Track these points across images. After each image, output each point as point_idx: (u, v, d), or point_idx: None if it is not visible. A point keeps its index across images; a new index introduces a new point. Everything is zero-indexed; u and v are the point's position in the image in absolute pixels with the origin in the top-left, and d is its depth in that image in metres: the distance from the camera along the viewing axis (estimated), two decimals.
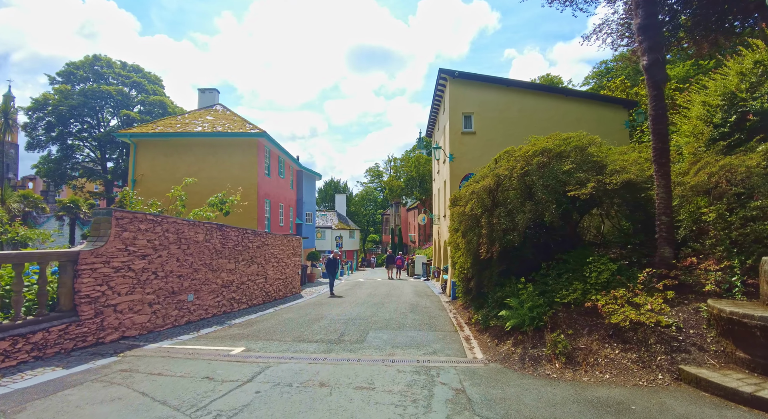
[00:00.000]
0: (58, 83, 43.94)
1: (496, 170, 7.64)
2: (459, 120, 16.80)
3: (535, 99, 17.12)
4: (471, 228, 8.22)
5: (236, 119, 19.57)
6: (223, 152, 18.33)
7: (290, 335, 8.18)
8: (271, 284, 14.13)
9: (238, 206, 17.70)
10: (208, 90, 22.29)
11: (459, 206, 8.45)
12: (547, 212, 6.91)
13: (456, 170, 16.50)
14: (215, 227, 10.83)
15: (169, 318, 9.03)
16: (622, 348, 5.29)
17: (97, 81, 45.60)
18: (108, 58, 47.56)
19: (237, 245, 11.86)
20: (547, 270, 7.41)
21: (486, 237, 7.32)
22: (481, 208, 7.62)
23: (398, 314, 10.68)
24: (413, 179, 44.09)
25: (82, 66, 45.44)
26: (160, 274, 8.77)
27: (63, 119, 43.08)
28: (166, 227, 8.98)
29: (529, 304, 6.66)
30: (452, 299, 13.84)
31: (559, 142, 7.56)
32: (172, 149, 18.53)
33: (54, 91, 43.64)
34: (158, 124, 19.69)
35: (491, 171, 7.93)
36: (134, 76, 47.74)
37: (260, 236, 13.31)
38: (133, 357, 6.52)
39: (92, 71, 46.09)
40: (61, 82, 44.19)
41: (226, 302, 11.29)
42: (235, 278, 11.79)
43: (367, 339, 7.65)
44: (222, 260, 11.11)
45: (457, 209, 8.65)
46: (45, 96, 43.89)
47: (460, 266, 9.16)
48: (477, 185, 7.81)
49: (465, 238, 8.49)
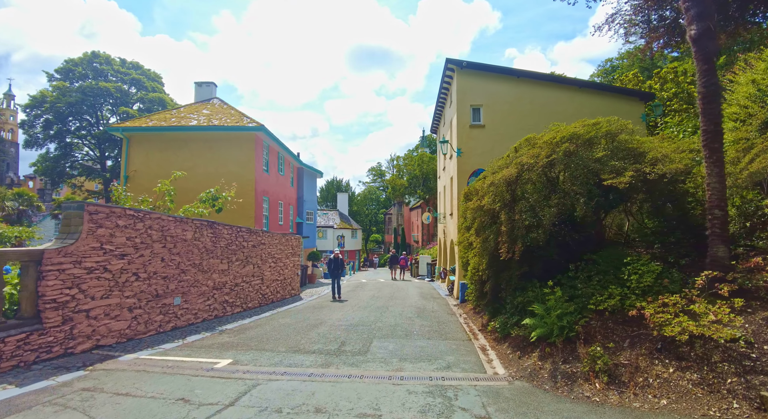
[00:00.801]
0: (56, 81, 43.34)
1: (518, 159, 6.76)
2: (467, 113, 15.92)
3: (547, 91, 16.22)
4: (487, 225, 7.35)
5: (233, 113, 18.75)
6: (220, 147, 17.51)
7: (285, 344, 7.32)
8: (267, 286, 13.29)
9: (234, 203, 16.84)
10: (204, 84, 21.48)
11: (473, 201, 7.58)
12: (578, 205, 6.04)
13: (464, 165, 15.62)
14: (206, 225, 9.99)
15: (153, 323, 8.19)
16: (677, 366, 4.40)
17: (97, 78, 44.93)
18: (107, 55, 46.91)
19: (230, 244, 11.02)
20: (576, 272, 6.52)
21: (506, 235, 6.45)
22: (500, 202, 6.74)
23: (404, 319, 9.82)
24: (416, 177, 43.14)
25: (80, 63, 44.82)
26: (142, 275, 7.94)
27: (61, 116, 42.47)
28: (149, 223, 8.14)
29: (558, 311, 5.78)
30: (461, 302, 12.96)
31: (588, 127, 6.68)
32: (166, 144, 17.71)
33: (52, 88, 43.00)
34: (152, 118, 18.88)
35: (511, 161, 7.04)
36: (133, 73, 47.06)
37: (256, 235, 12.47)
38: (103, 370, 5.68)
39: (91, 68, 45.46)
40: (60, 80, 43.55)
41: (218, 305, 10.45)
42: (228, 279, 10.95)
43: (371, 349, 6.79)
44: (213, 261, 10.27)
45: (472, 205, 7.78)
46: (43, 93, 43.25)
47: (473, 268, 8.28)
48: (496, 175, 6.93)
49: (479, 236, 7.61)
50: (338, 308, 11.95)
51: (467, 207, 8.26)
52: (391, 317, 10.09)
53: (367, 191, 68.16)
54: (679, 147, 6.35)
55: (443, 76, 17.39)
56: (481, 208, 7.09)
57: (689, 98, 22.11)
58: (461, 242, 10.65)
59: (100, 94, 43.24)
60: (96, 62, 46.44)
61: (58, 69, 45.62)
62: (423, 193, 42.36)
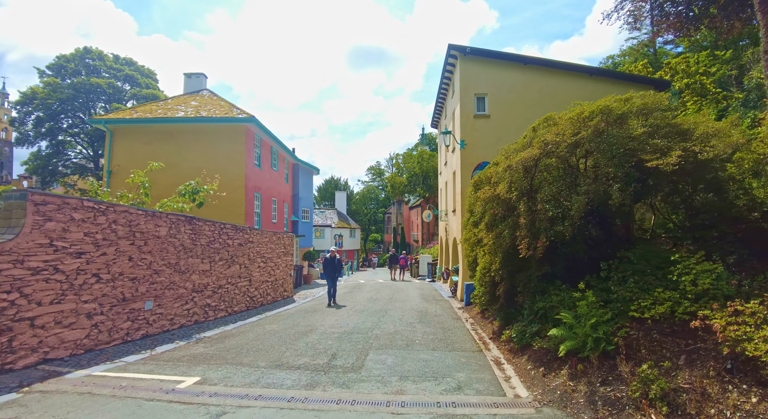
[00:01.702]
0: (48, 77, 42.31)
1: (539, 138, 5.74)
2: (471, 102, 14.91)
3: (556, 79, 15.21)
4: (501, 218, 6.34)
5: (223, 105, 17.73)
6: (208, 139, 16.49)
7: (266, 357, 6.30)
8: (256, 288, 12.27)
9: (220, 198, 15.78)
10: (194, 75, 20.45)
11: (484, 190, 6.57)
12: (612, 192, 5.02)
13: (468, 158, 14.61)
14: (183, 220, 8.97)
15: (118, 331, 7.17)
16: (762, 394, 3.39)
17: (90, 75, 43.92)
18: (99, 51, 45.88)
19: (213, 242, 10.00)
20: (608, 273, 5.51)
21: (526, 229, 5.44)
22: (518, 190, 5.74)
23: (405, 325, 8.80)
24: (416, 175, 42.11)
25: (72, 59, 43.76)
26: (105, 277, 6.92)
27: (53, 113, 41.47)
28: (113, 217, 7.12)
29: (591, 320, 4.76)
30: (466, 304, 11.95)
31: (619, 102, 5.67)
32: (151, 137, 16.68)
33: (43, 85, 41.97)
34: (137, 109, 17.85)
35: (530, 142, 6.03)
36: (126, 69, 46.02)
37: (243, 232, 11.45)
38: (39, 393, 4.66)
39: (83, 64, 44.42)
40: (52, 76, 42.53)
41: (198, 309, 9.43)
42: (211, 281, 9.93)
43: (366, 364, 5.77)
44: (193, 260, 9.26)
45: (482, 194, 6.77)
46: (33, 90, 42.23)
47: (483, 268, 7.26)
48: (512, 158, 5.91)
49: (491, 231, 6.60)
50: (332, 312, 10.93)
51: (476, 198, 7.25)
52: (390, 322, 9.08)
53: (366, 189, 67.15)
54: (732, 121, 5.33)
55: (445, 64, 16.38)
56: (494, 198, 6.07)
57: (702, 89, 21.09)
58: (467, 240, 9.64)
59: (92, 91, 42.21)
60: (88, 58, 45.38)
61: (49, 65, 44.54)
62: (423, 191, 41.34)
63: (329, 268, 12.62)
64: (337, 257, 12.85)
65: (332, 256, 12.91)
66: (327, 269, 12.63)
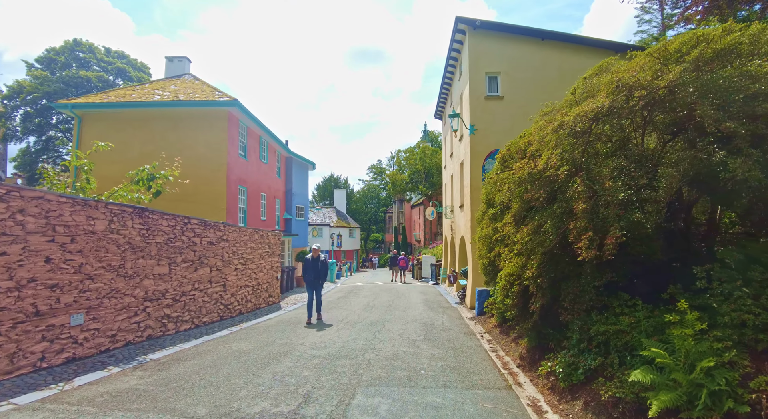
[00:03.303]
0: (36, 69, 40.79)
1: (605, 84, 3.94)
2: (482, 82, 13.14)
3: (578, 56, 13.41)
4: (542, 205, 4.56)
5: (206, 89, 15.99)
6: (186, 126, 14.74)
7: (214, 397, 4.53)
8: (232, 294, 10.50)
9: (201, 193, 14.12)
10: (176, 58, 18.71)
11: (518, 167, 4.77)
12: (732, 160, 3.24)
13: (478, 145, 12.84)
14: (131, 213, 7.22)
15: (27, 356, 5.41)
16: None
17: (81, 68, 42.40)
18: (90, 43, 44.30)
19: (173, 240, 8.25)
20: (707, 282, 3.73)
21: (585, 219, 3.67)
22: (570, 163, 3.95)
23: (406, 344, 7.03)
24: (418, 172, 40.28)
25: (62, 51, 42.21)
26: (5, 284, 5.17)
27: (42, 108, 39.97)
28: (18, 205, 5.37)
29: (706, 361, 2.98)
30: (478, 314, 10.17)
31: (717, 32, 3.87)
32: (124, 124, 14.95)
33: (30, 78, 40.44)
34: (110, 93, 16.12)
35: (581, 98, 4.24)
36: (118, 62, 44.45)
37: (214, 229, 9.69)
38: None
39: (74, 57, 42.89)
40: (40, 69, 41.00)
41: (152, 322, 7.68)
42: (171, 286, 8.18)
43: (350, 414, 3.99)
44: (145, 261, 7.51)
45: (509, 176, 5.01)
46: (20, 83, 40.69)
47: (510, 274, 5.48)
48: (568, 113, 4.12)
49: (525, 224, 4.83)
50: (319, 324, 9.16)
51: (501, 181, 5.46)
52: (388, 340, 7.30)
53: (366, 188, 65.35)
54: None
55: (451, 42, 14.59)
56: (533, 177, 4.29)
57: None
58: (483, 238, 7.86)
59: (81, 85, 40.60)
60: (78, 50, 43.83)
61: (38, 58, 43.01)
62: (425, 189, 39.56)
63: (310, 272, 9.58)
64: (322, 257, 9.75)
65: (314, 256, 9.72)
66: (307, 274, 9.58)
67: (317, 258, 9.72)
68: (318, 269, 9.64)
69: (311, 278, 9.59)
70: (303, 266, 9.75)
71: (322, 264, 9.71)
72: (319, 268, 9.67)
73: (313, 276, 9.59)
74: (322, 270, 9.67)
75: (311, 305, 9.44)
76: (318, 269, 9.64)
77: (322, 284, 9.83)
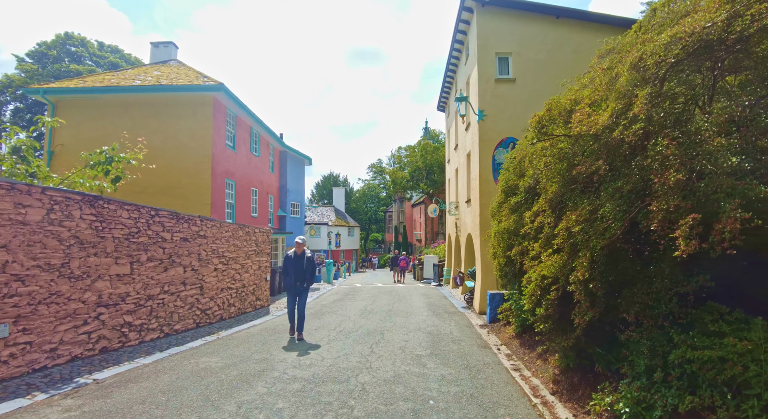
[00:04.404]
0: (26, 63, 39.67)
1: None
2: (491, 63, 11.94)
3: (597, 35, 12.07)
4: (593, 184, 3.34)
5: (191, 74, 14.79)
6: (169, 114, 13.54)
7: None
8: (212, 298, 9.28)
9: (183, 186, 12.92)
10: (162, 44, 17.51)
11: (578, 120, 3.54)
12: None
13: (487, 133, 11.64)
14: (79, 201, 6.01)
15: None
16: None
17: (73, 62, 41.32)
18: (82, 37, 43.19)
19: (136, 235, 7.04)
20: None
21: (679, 195, 2.44)
22: (662, 114, 2.72)
23: (409, 361, 5.82)
24: (419, 169, 39.02)
25: (54, 45, 41.13)
26: None
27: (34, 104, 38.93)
28: None
29: None
30: (490, 321, 8.96)
31: None
32: (102, 111, 13.74)
33: (20, 72, 39.32)
34: (86, 79, 14.92)
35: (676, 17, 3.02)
36: (111, 57, 43.31)
37: (189, 223, 8.48)
38: None
39: (65, 51, 41.79)
40: (30, 63, 39.88)
41: (108, 331, 6.46)
42: (133, 289, 6.97)
43: None
44: (99, 259, 6.30)
45: (545, 148, 3.77)
46: (9, 77, 39.58)
47: (542, 276, 4.26)
48: (653, 40, 2.91)
49: (574, 210, 3.60)
50: (305, 335, 7.95)
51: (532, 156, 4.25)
52: (387, 355, 6.08)
53: (366, 187, 64.14)
54: None
55: (457, 22, 13.38)
56: (585, 145, 3.06)
57: None
58: (500, 233, 6.66)
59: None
60: (70, 44, 42.74)
61: (29, 52, 41.93)
62: (426, 187, 38.34)
63: (291, 272, 7.37)
64: (308, 253, 7.56)
65: (298, 253, 7.43)
66: (287, 275, 7.39)
67: (301, 255, 7.43)
68: (302, 269, 7.39)
69: (292, 281, 7.39)
70: (283, 265, 7.62)
71: (308, 263, 7.45)
72: (304, 268, 7.40)
73: (298, 277, 7.39)
74: (307, 271, 7.44)
75: (293, 315, 7.51)
76: (302, 269, 7.39)
77: (308, 289, 7.60)
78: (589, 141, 3.10)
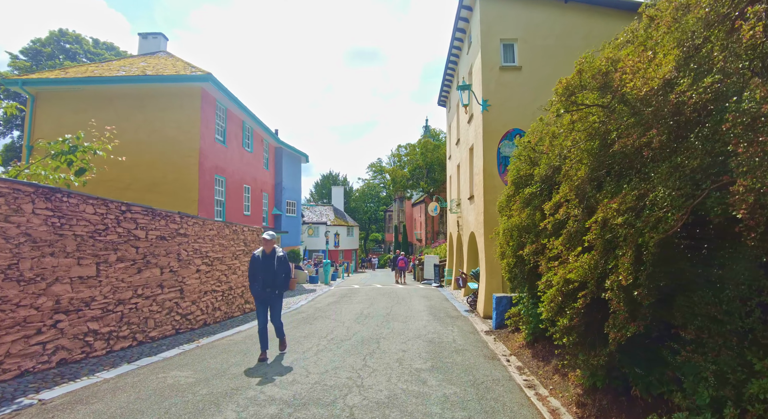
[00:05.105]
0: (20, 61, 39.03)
1: None
2: (496, 51, 11.20)
3: (607, 21, 11.45)
4: (636, 164, 2.59)
5: (178, 64, 14.07)
6: (155, 106, 12.82)
7: None
8: (194, 302, 8.55)
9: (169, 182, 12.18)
10: (151, 35, 16.79)
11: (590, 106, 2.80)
12: None
13: (491, 124, 10.91)
14: (32, 193, 5.29)
15: None
16: None
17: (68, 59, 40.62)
18: (77, 34, 42.51)
19: (103, 232, 6.32)
20: None
21: None
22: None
23: (407, 377, 5.08)
24: (419, 168, 38.25)
25: (48, 42, 40.48)
26: None
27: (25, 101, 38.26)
28: None
29: None
30: (496, 327, 8.22)
31: None
32: (85, 104, 13.01)
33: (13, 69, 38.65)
34: (68, 70, 14.21)
35: None
36: (106, 54, 42.56)
37: (167, 220, 7.75)
38: None
39: (60, 48, 41.11)
40: (25, 60, 39.23)
41: (68, 341, 5.73)
42: (99, 293, 6.23)
43: None
44: (57, 260, 5.57)
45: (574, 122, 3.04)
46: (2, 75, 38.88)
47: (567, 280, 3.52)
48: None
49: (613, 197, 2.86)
50: (295, 342, 7.23)
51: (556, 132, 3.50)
52: (381, 369, 5.34)
53: (366, 186, 63.34)
54: None
55: (459, 8, 12.62)
56: (648, 101, 2.33)
57: None
58: (510, 230, 5.93)
59: None
60: (64, 41, 42.05)
61: (23, 49, 41.23)
62: (427, 185, 37.58)
63: (259, 276, 5.89)
64: (280, 253, 6.05)
65: (267, 252, 5.95)
66: (255, 281, 5.92)
67: (271, 255, 5.91)
68: (273, 272, 5.86)
69: (260, 287, 5.86)
70: (249, 268, 6.05)
71: (280, 264, 5.95)
72: (275, 270, 5.88)
73: (264, 284, 5.85)
74: (279, 274, 5.94)
75: (265, 333, 5.94)
76: (273, 272, 5.86)
77: (281, 297, 6.12)
78: (638, 106, 2.38)
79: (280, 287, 6.06)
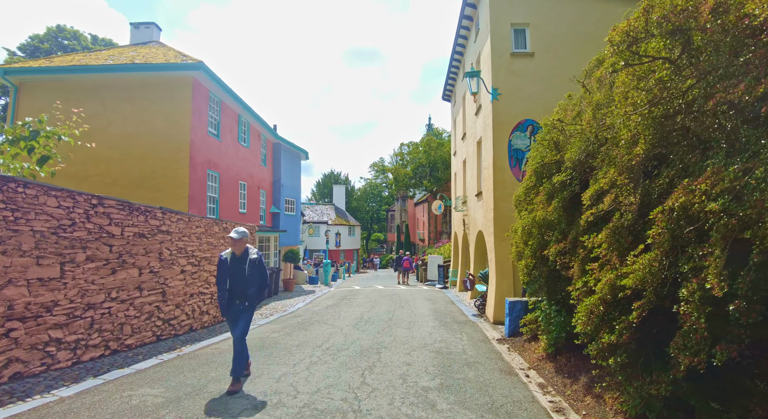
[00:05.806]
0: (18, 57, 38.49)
1: None
2: (506, 37, 10.45)
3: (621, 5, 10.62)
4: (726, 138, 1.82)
5: (169, 54, 13.38)
6: (144, 97, 12.12)
7: None
8: (178, 305, 7.83)
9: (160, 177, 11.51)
10: (142, 25, 16.09)
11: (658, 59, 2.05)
12: None
13: (502, 114, 10.16)
14: None
15: None
16: None
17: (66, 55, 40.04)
18: (74, 30, 41.90)
19: (69, 228, 5.60)
20: None
21: None
22: None
23: (412, 398, 4.35)
24: (422, 166, 37.53)
25: (46, 39, 39.92)
26: None
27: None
28: None
29: None
30: (509, 335, 7.47)
31: None
32: (70, 94, 12.32)
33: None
34: (54, 59, 13.55)
35: None
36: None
37: (147, 216, 7.04)
38: None
39: (58, 44, 40.51)
40: (22, 57, 38.69)
41: (22, 353, 5.02)
42: (64, 296, 5.52)
43: None
44: (11, 259, 4.87)
45: (640, 80, 2.28)
46: None
47: (614, 287, 2.77)
48: None
49: (713, 166, 2.10)
50: (282, 354, 6.49)
51: (616, 98, 2.75)
52: (383, 389, 4.60)
53: (368, 186, 62.60)
54: None
55: None
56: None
57: None
58: (529, 226, 5.18)
59: None
60: (62, 37, 41.44)
61: (21, 46, 40.58)
62: (430, 184, 36.86)
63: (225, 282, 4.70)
64: (254, 255, 4.82)
65: (238, 254, 4.79)
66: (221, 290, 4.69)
67: (242, 258, 4.77)
68: (244, 279, 4.67)
69: (226, 298, 4.70)
70: (217, 274, 4.81)
71: (253, 269, 4.73)
72: (246, 277, 4.67)
73: (231, 295, 4.70)
74: (251, 282, 4.69)
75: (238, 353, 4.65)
76: (244, 279, 4.67)
77: (251, 311, 4.76)
78: (748, 42, 1.66)
79: (251, 299, 4.71)
